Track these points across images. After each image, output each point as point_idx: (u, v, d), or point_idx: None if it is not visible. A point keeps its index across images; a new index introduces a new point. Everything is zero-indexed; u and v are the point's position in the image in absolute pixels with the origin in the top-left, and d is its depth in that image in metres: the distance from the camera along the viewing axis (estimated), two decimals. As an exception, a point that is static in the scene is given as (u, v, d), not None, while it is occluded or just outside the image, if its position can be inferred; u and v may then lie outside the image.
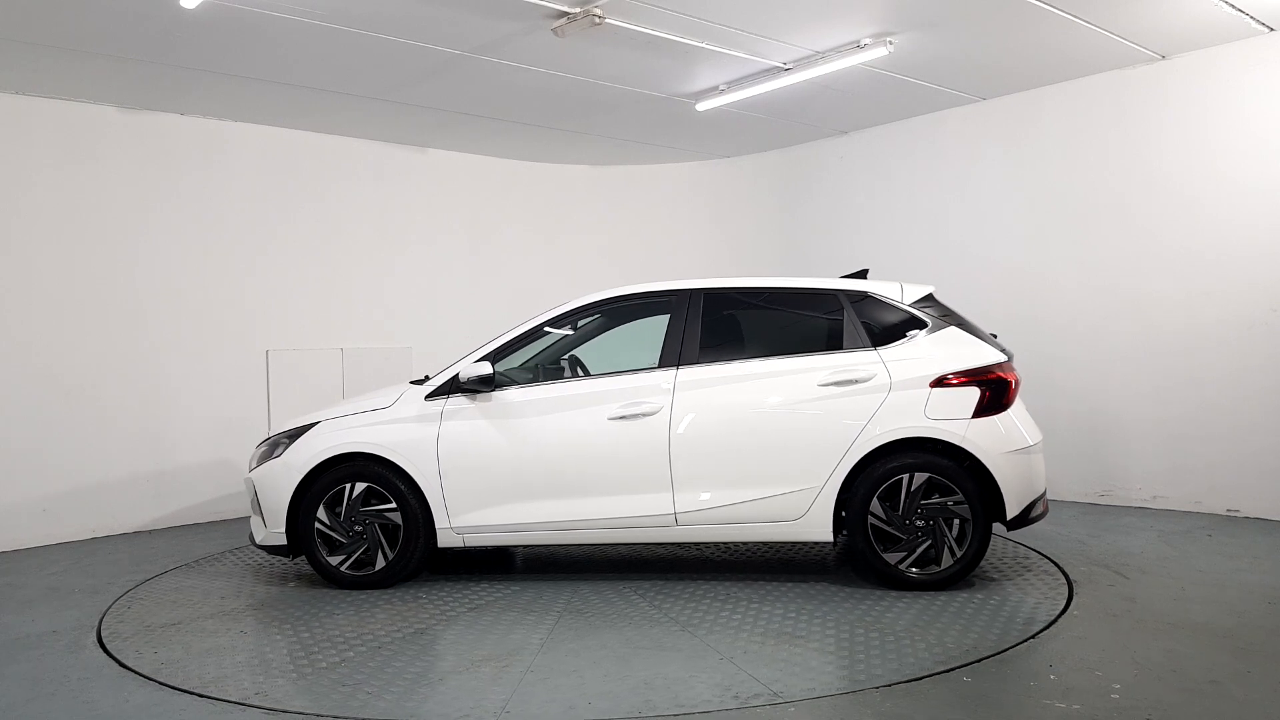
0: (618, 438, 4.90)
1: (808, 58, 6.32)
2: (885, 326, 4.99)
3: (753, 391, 4.89)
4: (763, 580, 5.05)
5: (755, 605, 4.58)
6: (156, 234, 7.08)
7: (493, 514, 4.97)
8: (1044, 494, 4.93)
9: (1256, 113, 6.19)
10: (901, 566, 4.75)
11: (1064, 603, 4.47)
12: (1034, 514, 4.82)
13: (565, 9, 5.30)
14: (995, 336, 5.19)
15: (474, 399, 5.06)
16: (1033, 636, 3.99)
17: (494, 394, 5.06)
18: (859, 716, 3.23)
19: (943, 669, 3.63)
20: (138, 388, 6.97)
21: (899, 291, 5.12)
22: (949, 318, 5.07)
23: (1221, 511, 6.37)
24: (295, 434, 5.19)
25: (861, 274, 5.40)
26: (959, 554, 4.72)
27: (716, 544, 5.92)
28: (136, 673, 3.86)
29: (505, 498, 4.96)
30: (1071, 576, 4.92)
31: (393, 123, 7.67)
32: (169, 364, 7.12)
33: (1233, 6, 5.63)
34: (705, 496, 4.84)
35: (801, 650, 3.90)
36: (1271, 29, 6.04)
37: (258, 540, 5.20)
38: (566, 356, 5.58)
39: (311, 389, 7.53)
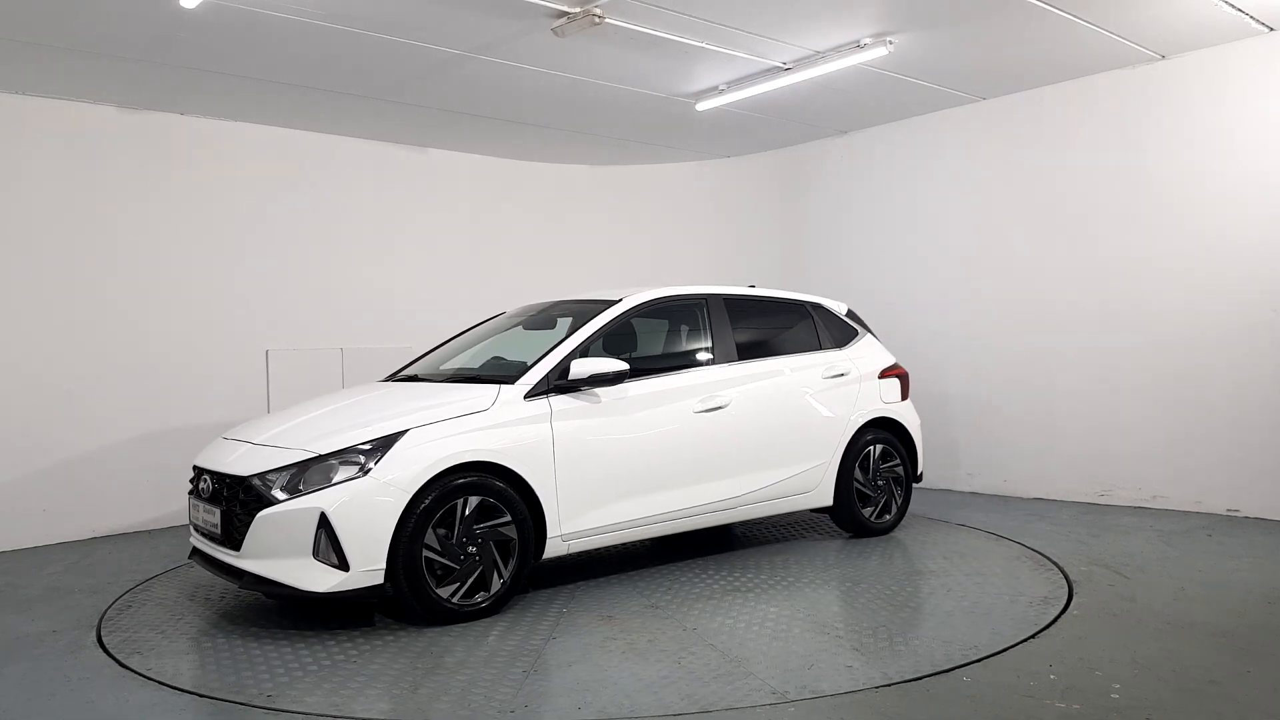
0: (705, 429, 5.27)
1: (808, 58, 6.33)
2: (837, 332, 6.19)
3: (781, 384, 5.67)
4: (752, 570, 5.09)
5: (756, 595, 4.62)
6: (156, 234, 7.08)
7: (601, 515, 4.86)
8: None
9: (1257, 112, 6.19)
10: (873, 519, 6.00)
11: (1064, 603, 4.47)
12: (922, 475, 6.41)
13: (565, 9, 5.30)
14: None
15: (584, 395, 4.87)
16: (1033, 636, 3.99)
17: (602, 390, 4.90)
18: (859, 716, 3.23)
19: (943, 669, 3.63)
20: (137, 387, 6.97)
21: (836, 306, 6.37)
22: (864, 326, 6.40)
23: (1221, 511, 6.37)
24: (381, 444, 4.30)
25: (751, 287, 6.20)
26: (899, 505, 6.14)
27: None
28: (136, 673, 3.86)
29: (614, 496, 4.90)
30: (1071, 576, 4.92)
31: (393, 123, 7.67)
32: (169, 363, 7.11)
33: (1233, 6, 5.63)
34: (758, 478, 5.48)
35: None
36: (1271, 29, 6.04)
37: (324, 589, 4.08)
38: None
39: (311, 389, 7.50)
